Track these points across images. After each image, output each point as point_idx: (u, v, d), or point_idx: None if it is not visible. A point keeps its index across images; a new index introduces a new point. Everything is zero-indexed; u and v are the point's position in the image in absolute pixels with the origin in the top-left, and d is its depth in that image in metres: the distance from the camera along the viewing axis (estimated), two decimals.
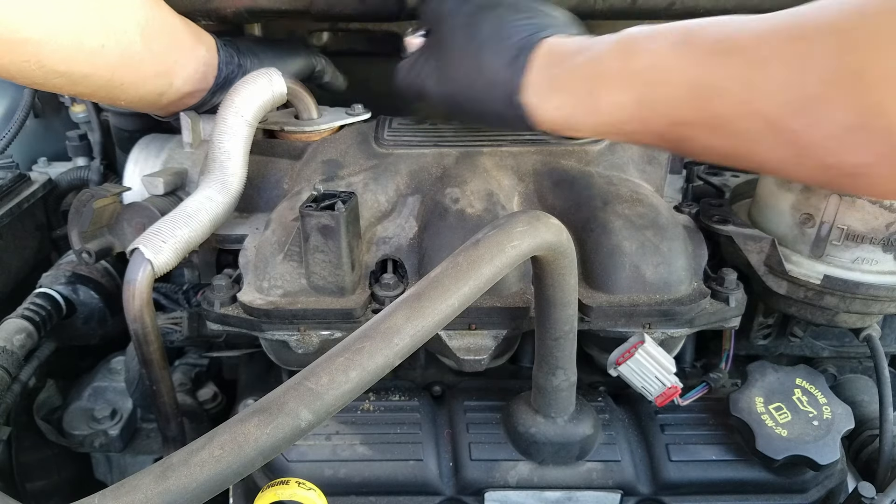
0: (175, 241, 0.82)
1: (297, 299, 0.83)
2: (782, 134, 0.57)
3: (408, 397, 0.90)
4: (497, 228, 0.60)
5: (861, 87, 0.50)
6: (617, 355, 0.82)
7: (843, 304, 0.85)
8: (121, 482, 0.45)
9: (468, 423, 0.86)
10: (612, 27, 0.96)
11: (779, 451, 0.78)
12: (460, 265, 0.56)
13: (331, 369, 0.48)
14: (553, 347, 0.75)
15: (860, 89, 0.51)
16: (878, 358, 0.90)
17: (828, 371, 1.10)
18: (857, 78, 0.50)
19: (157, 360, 0.86)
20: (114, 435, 1.06)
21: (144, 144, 1.10)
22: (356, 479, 0.82)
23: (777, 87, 0.55)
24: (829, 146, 0.54)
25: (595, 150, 0.96)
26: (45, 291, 1.07)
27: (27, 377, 1.03)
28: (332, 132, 1.04)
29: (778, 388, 0.84)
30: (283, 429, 0.46)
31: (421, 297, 0.53)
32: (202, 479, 0.44)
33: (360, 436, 0.84)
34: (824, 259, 0.85)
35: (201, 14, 0.91)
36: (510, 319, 0.84)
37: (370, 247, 0.88)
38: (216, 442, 0.46)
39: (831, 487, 0.84)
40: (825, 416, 0.81)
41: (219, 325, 0.86)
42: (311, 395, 0.47)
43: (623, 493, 0.82)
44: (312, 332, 0.83)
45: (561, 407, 0.80)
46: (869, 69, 0.50)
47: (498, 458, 0.83)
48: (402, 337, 0.51)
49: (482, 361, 0.83)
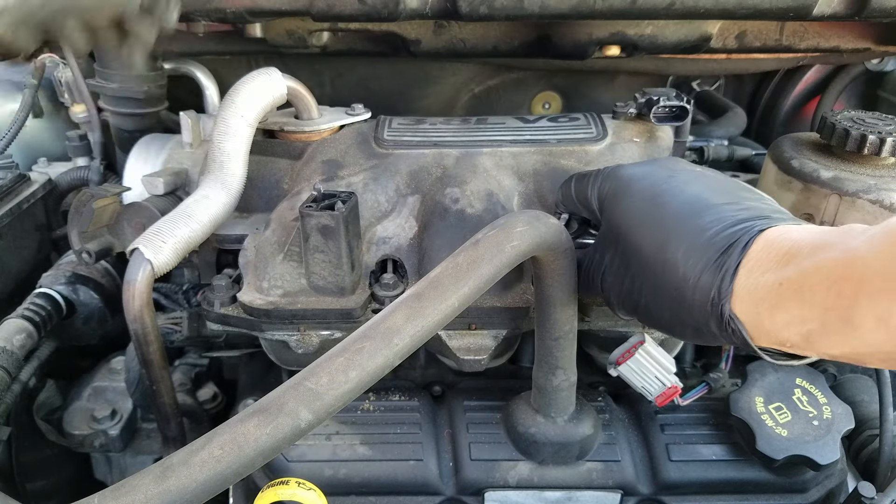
0: (175, 241, 0.82)
1: (297, 299, 0.83)
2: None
3: (408, 397, 0.90)
4: (497, 228, 0.60)
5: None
6: (617, 355, 0.82)
7: None
8: (121, 482, 0.45)
9: (468, 423, 0.86)
10: (612, 27, 0.96)
11: (779, 451, 0.78)
12: (460, 265, 0.56)
13: (331, 369, 0.48)
14: (553, 347, 0.75)
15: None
16: None
17: (828, 371, 1.10)
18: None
19: (157, 360, 0.86)
20: (114, 435, 1.05)
21: (144, 144, 1.10)
22: (356, 479, 0.82)
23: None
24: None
25: (595, 150, 0.96)
26: (45, 291, 1.07)
27: (27, 377, 1.03)
28: (332, 132, 1.04)
29: (778, 388, 0.83)
30: (282, 429, 0.46)
31: (421, 297, 0.53)
32: (202, 480, 0.44)
33: (360, 436, 0.84)
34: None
35: (201, 14, 0.91)
36: (510, 319, 0.84)
37: (370, 247, 0.88)
38: (216, 442, 0.45)
39: (831, 487, 0.84)
40: (825, 415, 0.81)
41: (219, 325, 0.86)
42: (311, 395, 0.47)
43: (623, 493, 0.82)
44: (312, 332, 0.83)
45: (561, 407, 0.80)
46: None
47: (498, 458, 0.83)
48: (402, 337, 0.51)
49: (482, 361, 0.83)
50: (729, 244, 0.58)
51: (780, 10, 0.82)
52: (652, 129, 0.97)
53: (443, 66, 1.18)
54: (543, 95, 1.23)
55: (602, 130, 0.97)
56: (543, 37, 1.00)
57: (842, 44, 1.00)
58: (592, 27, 0.96)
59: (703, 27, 0.95)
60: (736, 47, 1.00)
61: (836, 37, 0.99)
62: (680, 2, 0.81)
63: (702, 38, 0.96)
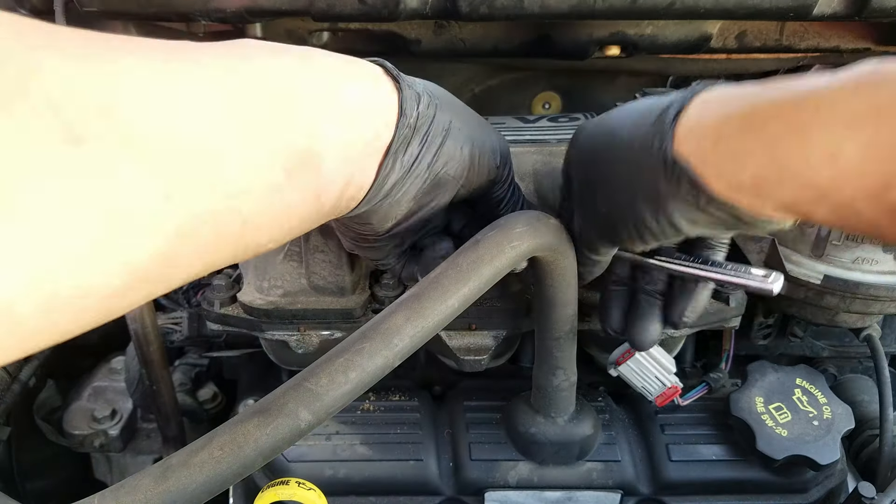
0: None
1: (297, 299, 0.83)
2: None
3: (408, 397, 0.90)
4: (497, 229, 0.60)
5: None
6: (617, 355, 0.82)
7: (843, 304, 0.85)
8: (120, 483, 0.45)
9: (468, 423, 0.86)
10: (613, 27, 0.96)
11: (779, 451, 0.78)
12: (460, 266, 0.56)
13: (330, 370, 0.48)
14: (553, 347, 0.75)
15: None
16: (878, 358, 0.90)
17: (828, 371, 1.10)
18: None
19: (157, 360, 0.86)
20: (114, 435, 1.06)
21: None
22: (356, 479, 0.82)
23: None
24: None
25: None
26: None
27: (27, 377, 1.03)
28: None
29: (778, 388, 0.84)
30: (282, 429, 0.46)
31: (420, 297, 0.53)
32: (202, 480, 0.45)
33: (360, 436, 0.84)
34: (824, 259, 0.85)
35: (201, 14, 0.91)
36: (510, 319, 0.84)
37: None
38: (216, 443, 0.46)
39: (831, 487, 0.84)
40: (825, 416, 0.81)
41: (219, 325, 0.86)
42: (311, 395, 0.47)
43: (623, 493, 0.82)
44: (312, 332, 0.83)
45: (561, 407, 0.80)
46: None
47: (498, 458, 0.83)
48: (402, 338, 0.51)
49: (482, 361, 0.83)
50: (667, 105, 0.57)
51: (780, 10, 0.82)
52: None
53: (443, 66, 1.18)
54: (543, 95, 1.23)
55: None
56: (543, 37, 1.00)
57: (842, 44, 1.00)
58: (592, 27, 0.96)
59: (703, 27, 0.95)
60: (736, 47, 1.00)
61: (837, 37, 0.99)
62: (680, 2, 0.81)
63: (702, 38, 0.96)
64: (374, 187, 0.57)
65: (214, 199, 0.43)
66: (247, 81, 0.47)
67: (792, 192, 0.49)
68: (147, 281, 0.41)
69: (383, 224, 0.62)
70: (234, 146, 0.44)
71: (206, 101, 0.43)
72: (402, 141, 0.57)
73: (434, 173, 0.61)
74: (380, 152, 0.56)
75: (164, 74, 0.41)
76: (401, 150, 0.57)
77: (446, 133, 0.61)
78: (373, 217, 0.61)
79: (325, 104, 0.52)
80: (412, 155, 0.58)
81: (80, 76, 0.36)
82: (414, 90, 0.59)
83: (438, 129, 0.60)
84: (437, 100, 0.61)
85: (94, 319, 0.40)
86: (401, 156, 0.58)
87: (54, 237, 0.34)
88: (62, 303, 0.36)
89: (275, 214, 0.49)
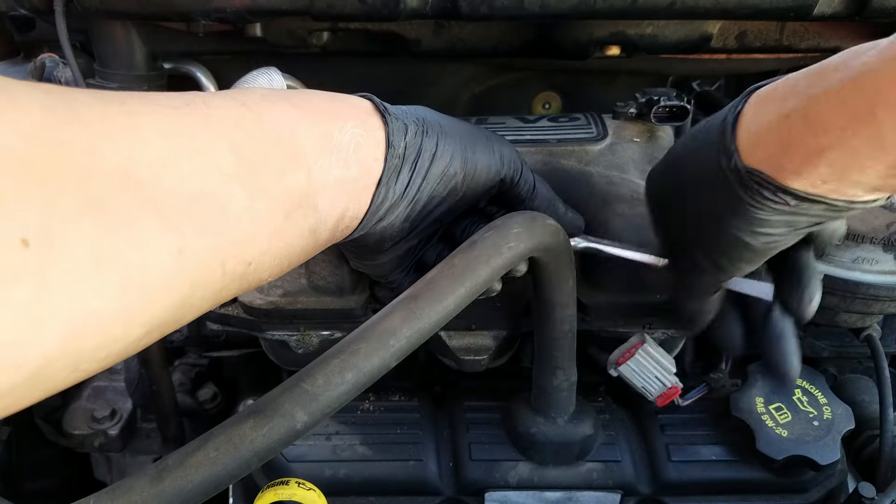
0: None
1: (297, 299, 0.83)
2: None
3: (408, 397, 0.90)
4: (494, 229, 0.60)
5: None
6: (617, 355, 0.81)
7: (843, 304, 0.85)
8: (116, 483, 0.45)
9: (468, 423, 0.86)
10: (613, 27, 0.96)
11: (779, 452, 0.78)
12: (456, 266, 0.56)
13: (326, 371, 0.48)
14: (553, 347, 0.75)
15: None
16: (878, 358, 0.90)
17: (828, 371, 1.10)
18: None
19: (157, 360, 0.87)
20: (113, 435, 1.06)
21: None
22: (356, 479, 0.82)
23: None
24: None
25: (595, 150, 0.96)
26: None
27: None
28: None
29: (778, 388, 0.83)
30: (278, 430, 0.46)
31: (417, 298, 0.53)
32: (198, 481, 0.45)
33: (360, 436, 0.84)
34: (824, 259, 0.85)
35: (201, 14, 0.91)
36: (510, 319, 0.84)
37: None
38: (212, 443, 0.46)
39: (831, 488, 0.84)
40: (825, 416, 0.81)
41: (219, 325, 0.86)
42: (307, 396, 0.47)
43: (623, 494, 0.82)
44: (312, 332, 0.83)
45: (561, 407, 0.80)
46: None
47: (498, 459, 0.82)
48: (399, 339, 0.51)
49: (482, 361, 0.83)
50: (721, 117, 0.58)
51: (780, 10, 0.81)
52: (652, 129, 0.97)
53: (443, 66, 1.18)
54: (543, 95, 1.23)
55: (602, 130, 0.97)
56: (544, 37, 1.00)
57: (842, 44, 1.00)
58: (593, 27, 0.95)
59: (703, 27, 0.95)
60: (736, 47, 1.00)
61: (837, 37, 0.99)
62: (680, 2, 0.81)
63: (702, 38, 0.96)
64: (368, 216, 0.60)
65: (222, 248, 0.46)
66: (250, 133, 0.50)
67: (876, 175, 0.50)
68: (162, 329, 0.45)
69: (380, 245, 0.65)
70: (241, 196, 0.47)
71: (216, 155, 0.46)
72: (392, 172, 0.60)
73: (427, 194, 0.63)
74: (372, 185, 0.60)
75: (177, 130, 0.44)
76: (392, 180, 0.60)
77: (433, 157, 0.63)
78: (369, 240, 0.64)
79: (320, 148, 0.55)
80: (403, 183, 0.61)
81: (101, 148, 0.39)
82: (401, 122, 0.62)
83: (426, 156, 0.62)
84: (424, 125, 0.64)
85: (110, 364, 0.43)
86: (392, 185, 0.61)
87: (83, 301, 0.36)
88: (87, 357, 0.39)
89: (275, 254, 0.52)
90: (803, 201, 0.54)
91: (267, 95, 0.55)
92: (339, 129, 0.57)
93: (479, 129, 0.70)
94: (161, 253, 0.41)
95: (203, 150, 0.45)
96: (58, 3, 0.83)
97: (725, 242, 0.60)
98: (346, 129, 0.58)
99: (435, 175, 0.63)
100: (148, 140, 0.42)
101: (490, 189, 0.69)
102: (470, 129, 0.69)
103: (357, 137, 0.58)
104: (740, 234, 0.58)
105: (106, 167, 0.39)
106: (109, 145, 0.40)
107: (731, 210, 0.57)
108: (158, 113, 0.44)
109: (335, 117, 0.58)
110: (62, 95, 0.39)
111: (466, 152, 0.66)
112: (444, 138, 0.64)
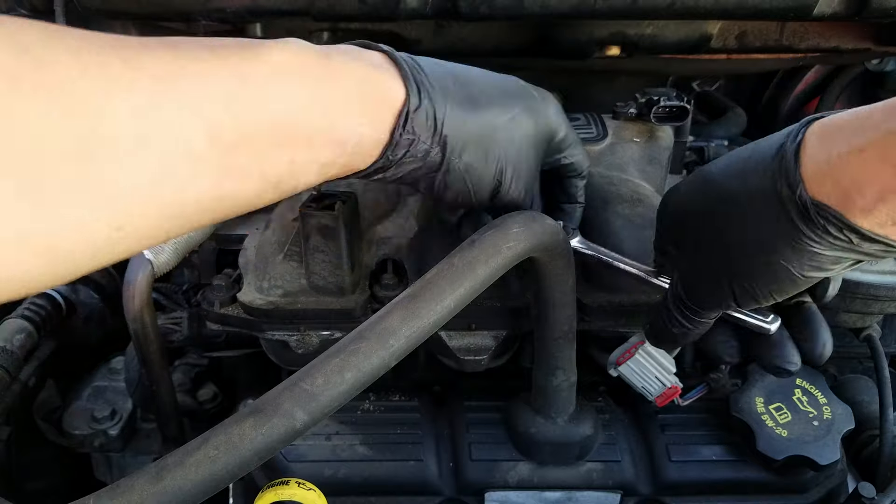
0: (175, 241, 0.82)
1: (297, 299, 0.83)
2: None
3: (408, 397, 0.90)
4: (493, 229, 0.60)
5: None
6: (617, 355, 0.81)
7: (843, 304, 0.85)
8: (116, 483, 0.45)
9: (468, 423, 0.86)
10: (613, 27, 0.96)
11: (779, 452, 0.78)
12: (455, 266, 0.56)
13: (326, 370, 0.48)
14: (553, 347, 0.75)
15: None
16: (878, 358, 0.90)
17: (828, 371, 1.10)
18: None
19: (157, 360, 0.86)
20: (113, 435, 1.05)
21: None
22: (356, 479, 0.82)
23: None
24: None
25: (595, 150, 0.96)
26: (45, 291, 1.07)
27: (27, 377, 1.03)
28: None
29: (778, 388, 0.83)
30: (278, 429, 0.46)
31: (416, 298, 0.53)
32: (197, 480, 0.45)
33: (360, 436, 0.84)
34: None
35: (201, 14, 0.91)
36: (510, 319, 0.84)
37: (370, 247, 0.88)
38: (211, 443, 0.46)
39: (831, 487, 0.84)
40: (825, 416, 0.81)
41: (219, 325, 0.86)
42: (307, 396, 0.47)
43: (623, 494, 0.82)
44: (312, 332, 0.83)
45: (561, 407, 0.80)
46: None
47: (498, 458, 0.82)
48: (398, 338, 0.51)
49: (482, 361, 0.83)
50: (776, 145, 0.54)
51: (780, 10, 0.82)
52: (652, 129, 0.97)
53: None
54: None
55: (602, 130, 0.97)
56: (544, 37, 1.00)
57: (842, 44, 1.00)
58: (593, 27, 0.96)
59: (703, 27, 0.95)
60: (736, 47, 1.00)
61: (837, 37, 0.99)
62: (680, 2, 0.81)
63: (702, 38, 0.96)
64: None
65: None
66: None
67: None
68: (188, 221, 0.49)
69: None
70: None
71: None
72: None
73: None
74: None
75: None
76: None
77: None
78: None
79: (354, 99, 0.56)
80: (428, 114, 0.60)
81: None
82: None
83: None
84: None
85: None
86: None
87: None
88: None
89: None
90: (865, 240, 0.51)
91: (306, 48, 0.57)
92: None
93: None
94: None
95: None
96: (58, 3, 0.83)
97: (769, 273, 0.57)
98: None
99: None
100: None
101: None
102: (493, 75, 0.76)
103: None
104: (790, 266, 0.56)
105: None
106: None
107: (784, 241, 0.55)
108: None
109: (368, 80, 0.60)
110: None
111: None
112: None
